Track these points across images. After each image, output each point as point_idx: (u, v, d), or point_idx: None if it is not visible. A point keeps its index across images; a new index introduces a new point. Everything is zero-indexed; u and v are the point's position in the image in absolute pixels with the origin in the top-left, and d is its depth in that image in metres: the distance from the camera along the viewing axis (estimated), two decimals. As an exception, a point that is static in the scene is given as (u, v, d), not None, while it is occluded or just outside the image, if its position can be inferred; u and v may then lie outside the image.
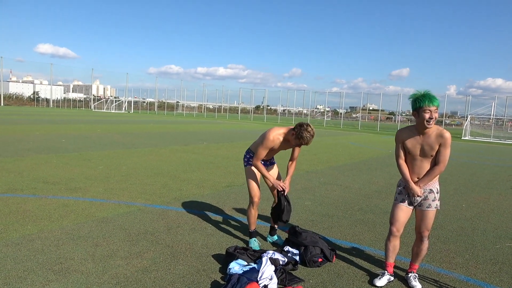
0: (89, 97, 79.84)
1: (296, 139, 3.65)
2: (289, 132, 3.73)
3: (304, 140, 3.61)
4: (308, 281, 3.24)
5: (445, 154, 3.08)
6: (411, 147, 3.16)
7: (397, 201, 3.32)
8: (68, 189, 5.95)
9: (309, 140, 3.63)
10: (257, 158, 3.84)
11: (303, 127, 3.62)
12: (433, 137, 3.08)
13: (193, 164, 9.14)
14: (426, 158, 3.14)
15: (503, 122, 38.96)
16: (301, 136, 3.60)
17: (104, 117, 35.37)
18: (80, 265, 3.28)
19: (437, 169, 3.12)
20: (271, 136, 3.75)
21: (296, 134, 3.63)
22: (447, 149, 3.07)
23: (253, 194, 3.95)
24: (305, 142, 3.62)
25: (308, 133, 3.60)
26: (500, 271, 3.68)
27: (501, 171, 11.24)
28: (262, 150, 3.80)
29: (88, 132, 16.62)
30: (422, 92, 3.07)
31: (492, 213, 5.96)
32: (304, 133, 3.59)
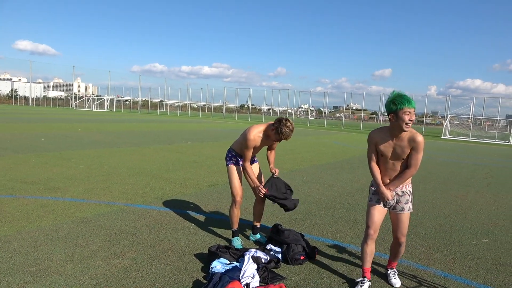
0: (70, 95, 78.35)
1: (276, 134, 3.68)
2: (269, 128, 3.76)
3: (284, 135, 3.64)
4: (290, 278, 3.27)
5: (417, 158, 3.00)
6: (383, 149, 3.08)
7: (372, 201, 3.23)
8: (47, 189, 5.83)
9: (289, 135, 3.67)
10: (245, 160, 3.88)
11: (282, 122, 3.65)
12: (406, 141, 2.99)
13: (176, 163, 9.07)
14: (398, 161, 3.07)
15: (481, 122, 39.97)
16: (280, 131, 3.63)
17: (86, 115, 34.76)
18: (59, 266, 3.22)
19: (408, 173, 3.05)
20: (251, 136, 3.77)
21: (275, 130, 3.66)
22: (419, 153, 2.99)
23: (236, 193, 3.96)
24: (284, 137, 3.65)
25: (288, 128, 3.63)
26: (476, 266, 3.78)
27: (478, 169, 11.53)
28: (247, 151, 3.82)
29: (68, 131, 16.31)
30: (399, 94, 2.97)
31: (470, 210, 6.11)
32: (283, 128, 3.62)
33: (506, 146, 26.19)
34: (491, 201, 6.85)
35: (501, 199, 7.08)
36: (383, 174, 3.15)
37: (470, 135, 33.83)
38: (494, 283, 3.41)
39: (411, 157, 3.01)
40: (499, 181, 9.33)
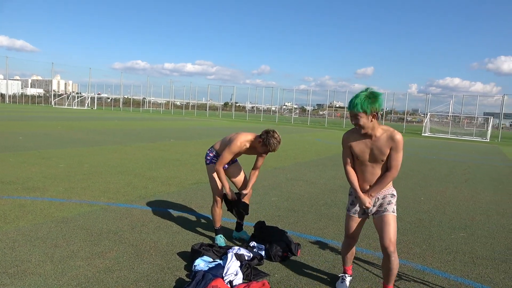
0: (49, 92, 76.59)
1: (263, 146, 3.69)
2: (256, 139, 3.77)
3: (271, 146, 3.66)
4: (273, 275, 3.29)
5: (397, 158, 2.77)
6: (358, 151, 2.84)
7: (349, 212, 3.04)
8: (25, 188, 5.70)
9: (276, 146, 3.69)
10: (220, 163, 3.84)
11: (269, 133, 3.67)
12: (383, 140, 2.76)
13: (159, 161, 8.99)
14: (377, 163, 2.83)
15: (460, 119, 40.92)
16: (268, 142, 3.65)
17: (66, 113, 34.05)
18: (38, 267, 3.15)
19: (389, 176, 2.81)
20: (238, 143, 3.77)
21: (263, 141, 3.67)
22: (399, 152, 2.76)
23: (216, 192, 3.97)
24: (272, 148, 3.68)
25: (275, 140, 3.66)
26: (454, 260, 3.88)
27: (457, 165, 11.81)
28: (228, 155, 3.80)
29: (48, 129, 15.95)
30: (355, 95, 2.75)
31: (448, 205, 6.26)
32: (271, 140, 3.65)
33: (484, 143, 26.90)
34: (469, 197, 7.04)
35: (478, 195, 7.28)
36: (361, 180, 2.92)
37: (449, 132, 34.64)
38: (471, 275, 3.52)
39: (391, 157, 2.78)
40: (477, 177, 9.59)
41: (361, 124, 2.72)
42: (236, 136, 3.82)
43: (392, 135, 2.76)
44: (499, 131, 34.19)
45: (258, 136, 3.74)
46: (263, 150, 3.74)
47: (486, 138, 30.75)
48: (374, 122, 2.75)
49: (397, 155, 2.78)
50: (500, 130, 34.92)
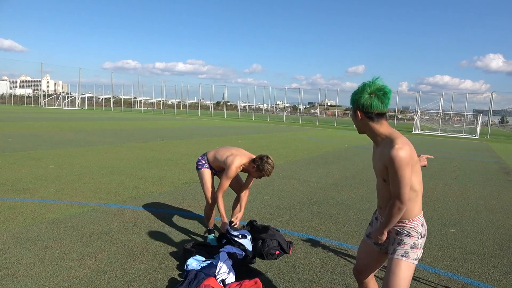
0: (38, 93, 75.68)
1: (258, 172, 3.73)
2: (250, 165, 3.80)
3: (266, 172, 3.71)
4: (266, 273, 3.30)
5: (394, 181, 1.95)
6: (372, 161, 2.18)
7: (365, 233, 2.40)
8: (15, 190, 5.64)
9: (270, 172, 3.74)
10: (220, 190, 3.85)
11: (263, 160, 3.71)
12: (380, 150, 2.05)
13: (151, 161, 8.95)
14: (379, 177, 2.13)
15: (450, 117, 41.35)
16: (262, 169, 3.69)
17: (56, 114, 33.69)
18: (29, 269, 3.13)
19: (390, 207, 2.02)
20: (234, 168, 3.80)
21: (257, 167, 3.71)
22: (396, 174, 1.93)
23: (210, 196, 4.01)
24: (266, 174, 3.72)
25: (269, 165, 3.70)
26: (444, 255, 3.94)
27: (447, 162, 11.95)
28: (226, 181, 3.84)
29: (37, 130, 15.77)
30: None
31: (438, 202, 6.34)
32: (265, 166, 3.69)
33: (473, 140, 27.23)
34: (459, 193, 7.13)
35: (468, 191, 7.38)
36: (379, 196, 2.21)
37: (440, 129, 35.00)
38: (460, 271, 3.57)
39: (390, 178, 1.99)
40: (466, 173, 9.71)
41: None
42: (232, 160, 3.83)
43: (391, 145, 1.97)
44: (488, 128, 34.66)
45: (253, 161, 3.78)
46: (257, 175, 3.78)
47: (475, 135, 31.13)
48: (370, 124, 2.07)
49: (394, 178, 1.95)
50: (489, 127, 35.41)
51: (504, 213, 5.79)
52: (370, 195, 6.52)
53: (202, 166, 4.05)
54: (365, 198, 6.31)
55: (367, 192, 6.75)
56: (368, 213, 5.39)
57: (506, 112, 75.71)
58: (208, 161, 4.04)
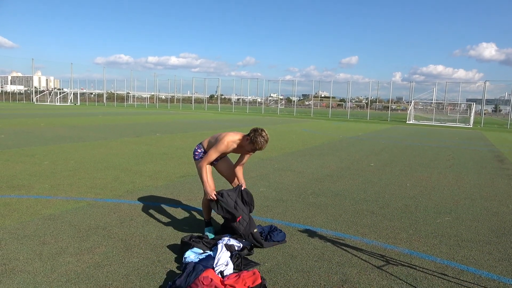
0: (30, 89, 74.85)
1: (251, 144, 3.68)
2: (244, 138, 3.77)
3: (258, 145, 3.65)
4: (264, 264, 3.32)
5: None
6: None
7: None
8: (10, 187, 5.59)
9: (263, 145, 3.68)
10: (206, 160, 3.81)
11: (257, 132, 3.66)
12: None
13: (145, 155, 8.92)
14: None
15: (444, 106, 41.58)
16: (255, 140, 3.64)
17: (48, 110, 33.39)
18: (26, 265, 3.12)
19: None
20: (225, 142, 3.76)
21: (250, 139, 3.67)
22: None
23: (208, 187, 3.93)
24: (259, 146, 3.66)
25: (262, 138, 3.66)
26: (440, 243, 3.98)
27: (441, 151, 12.03)
28: (214, 153, 3.79)
29: (30, 127, 15.63)
30: None
31: (433, 190, 6.39)
32: (258, 138, 3.64)
33: (467, 128, 27.43)
34: (453, 181, 7.19)
35: (462, 179, 7.44)
36: None
37: (433, 119, 35.19)
38: (456, 258, 3.61)
39: None
40: (461, 162, 9.79)
41: None
42: (224, 135, 3.81)
43: None
44: (482, 117, 34.88)
45: (246, 135, 3.74)
46: (250, 148, 3.73)
47: (469, 124, 31.35)
48: None
49: None
50: (482, 115, 35.64)
51: (498, 201, 5.85)
52: (365, 185, 6.55)
53: (199, 156, 4.00)
54: (360, 188, 6.35)
55: (362, 183, 6.78)
56: (364, 203, 5.42)
57: (499, 100, 76.24)
58: (204, 149, 4.00)
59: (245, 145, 3.74)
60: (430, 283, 3.09)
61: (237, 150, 3.88)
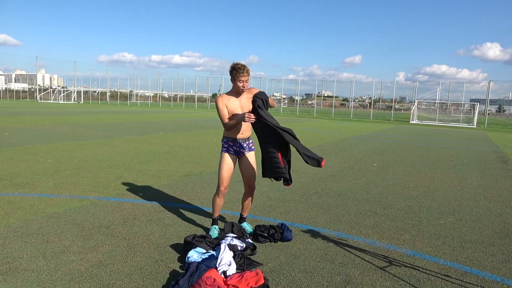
0: (34, 87, 75.14)
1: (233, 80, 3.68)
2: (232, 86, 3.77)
3: (235, 70, 3.62)
4: (266, 264, 3.32)
5: None
6: None
7: None
8: (14, 185, 5.62)
9: (241, 69, 3.63)
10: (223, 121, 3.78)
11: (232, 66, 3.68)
12: None
13: (149, 154, 8.94)
14: None
15: (447, 106, 41.40)
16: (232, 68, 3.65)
17: (52, 108, 33.51)
18: (30, 263, 3.13)
19: None
20: (219, 101, 3.76)
21: (232, 77, 3.68)
22: None
23: (220, 182, 3.88)
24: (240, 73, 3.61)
25: (237, 65, 3.66)
26: (443, 244, 3.96)
27: (444, 152, 11.99)
28: (221, 116, 3.76)
29: (34, 125, 15.70)
30: None
31: (437, 191, 6.37)
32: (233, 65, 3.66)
33: (470, 129, 27.32)
34: (457, 182, 7.16)
35: (466, 180, 7.42)
36: None
37: (437, 119, 35.07)
38: (459, 259, 3.60)
39: None
40: (464, 162, 9.75)
41: None
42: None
43: None
44: (485, 117, 34.72)
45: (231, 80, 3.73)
46: (237, 81, 3.67)
47: (472, 124, 31.21)
48: None
49: None
50: (486, 116, 35.47)
51: (502, 202, 5.83)
52: (368, 186, 6.54)
53: (222, 148, 3.93)
54: (363, 188, 6.33)
55: (365, 183, 6.77)
56: (367, 203, 5.41)
57: (503, 101, 75.87)
58: (226, 138, 3.88)
59: (235, 85, 3.70)
60: (434, 284, 3.08)
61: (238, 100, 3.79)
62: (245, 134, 3.91)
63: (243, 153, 3.96)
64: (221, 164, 3.91)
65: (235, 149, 3.91)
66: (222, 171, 3.89)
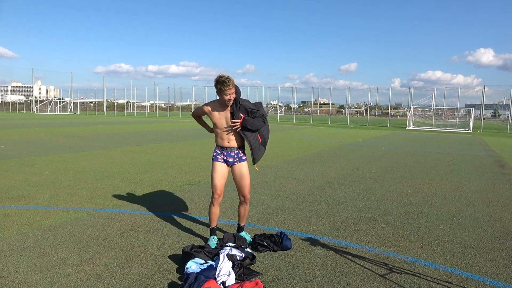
0: (30, 99, 74.98)
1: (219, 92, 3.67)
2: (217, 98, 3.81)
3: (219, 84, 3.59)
4: (266, 274, 3.28)
5: None
6: None
7: None
8: (9, 197, 5.56)
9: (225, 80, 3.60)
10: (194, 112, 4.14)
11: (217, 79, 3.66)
12: None
13: (146, 164, 8.90)
14: None
15: (443, 112, 41.60)
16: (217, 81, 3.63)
17: (48, 119, 33.42)
18: (26, 277, 3.08)
19: None
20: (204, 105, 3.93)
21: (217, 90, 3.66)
22: None
23: (213, 189, 3.88)
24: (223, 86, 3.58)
25: (222, 77, 3.63)
26: (443, 250, 3.94)
27: (441, 157, 12.01)
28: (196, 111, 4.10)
29: (30, 136, 15.63)
30: None
31: (435, 196, 6.36)
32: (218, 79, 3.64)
33: (466, 134, 27.43)
34: (455, 187, 7.16)
35: (464, 185, 7.42)
36: None
37: (433, 124, 35.22)
38: (460, 265, 3.57)
39: None
40: (462, 167, 9.77)
41: None
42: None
43: None
44: (481, 122, 34.92)
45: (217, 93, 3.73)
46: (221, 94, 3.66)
47: (468, 129, 31.35)
48: None
49: None
50: (481, 120, 35.68)
51: (500, 206, 5.82)
52: (367, 192, 6.52)
53: (213, 156, 3.97)
54: (362, 195, 6.32)
55: (363, 190, 6.76)
56: (366, 210, 5.39)
57: (498, 105, 76.36)
58: (216, 146, 3.97)
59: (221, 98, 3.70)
60: (435, 291, 3.05)
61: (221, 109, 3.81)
62: (231, 143, 3.92)
63: (232, 163, 3.96)
64: (212, 173, 3.95)
65: (223, 157, 3.95)
66: (213, 179, 3.91)
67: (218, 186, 3.89)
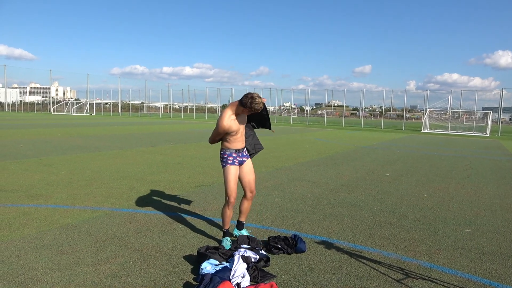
0: (47, 99, 76.57)
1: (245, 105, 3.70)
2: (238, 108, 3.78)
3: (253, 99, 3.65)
4: (280, 276, 3.28)
5: None
6: None
7: None
8: (28, 196, 5.69)
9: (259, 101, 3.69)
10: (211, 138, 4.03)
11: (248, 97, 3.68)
12: None
13: (160, 165, 8.98)
14: None
15: (459, 115, 40.92)
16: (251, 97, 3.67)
17: (65, 120, 34.04)
18: (45, 275, 3.15)
19: None
20: (225, 123, 3.78)
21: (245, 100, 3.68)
22: None
23: (229, 194, 3.91)
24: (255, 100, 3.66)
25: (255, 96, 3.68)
26: (461, 256, 3.88)
27: (458, 161, 11.81)
28: (216, 136, 3.95)
29: (48, 137, 15.94)
30: None
31: (452, 201, 6.25)
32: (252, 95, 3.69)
33: (484, 137, 26.91)
34: (472, 192, 7.03)
35: (481, 190, 7.28)
36: None
37: (449, 127, 34.66)
38: (478, 271, 3.51)
39: None
40: (479, 172, 9.58)
41: None
42: (221, 116, 3.86)
43: None
44: (499, 125, 34.18)
45: (240, 103, 3.73)
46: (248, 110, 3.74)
47: (486, 133, 30.76)
48: None
49: None
50: (499, 124, 34.91)
51: (519, 212, 5.69)
52: (382, 196, 6.46)
53: (226, 161, 3.96)
54: (377, 199, 6.26)
55: (378, 193, 6.69)
56: (381, 214, 5.34)
57: (516, 109, 74.69)
58: (226, 149, 3.97)
59: (239, 108, 3.76)
60: (452, 297, 3.00)
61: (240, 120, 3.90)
62: (244, 143, 4.09)
63: (243, 161, 4.06)
64: (228, 177, 3.93)
65: (239, 159, 4.01)
66: (231, 183, 3.92)
67: (235, 190, 3.94)
